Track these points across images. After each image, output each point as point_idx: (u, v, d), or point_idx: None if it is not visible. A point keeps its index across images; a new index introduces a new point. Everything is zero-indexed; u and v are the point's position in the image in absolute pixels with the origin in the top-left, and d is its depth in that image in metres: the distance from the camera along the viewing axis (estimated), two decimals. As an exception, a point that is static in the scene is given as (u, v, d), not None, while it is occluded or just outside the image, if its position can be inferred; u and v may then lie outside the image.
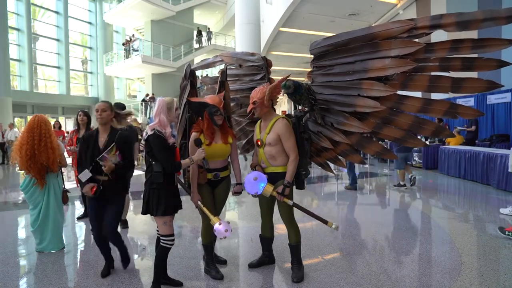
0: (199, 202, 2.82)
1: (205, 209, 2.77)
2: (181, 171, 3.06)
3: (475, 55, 2.38)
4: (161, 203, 2.56)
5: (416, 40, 2.50)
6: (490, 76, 2.46)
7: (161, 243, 2.65)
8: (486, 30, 2.35)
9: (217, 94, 3.05)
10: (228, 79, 3.45)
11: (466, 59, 2.39)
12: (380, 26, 2.62)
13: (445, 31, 2.37)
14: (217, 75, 3.95)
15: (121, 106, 4.57)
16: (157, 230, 2.75)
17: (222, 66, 3.57)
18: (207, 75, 16.91)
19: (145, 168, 2.67)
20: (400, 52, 2.50)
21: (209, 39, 22.58)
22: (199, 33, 22.14)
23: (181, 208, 2.72)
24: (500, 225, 4.32)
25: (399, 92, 2.68)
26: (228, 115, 3.15)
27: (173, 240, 2.66)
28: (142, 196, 2.70)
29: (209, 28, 23.18)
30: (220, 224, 2.62)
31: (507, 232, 4.11)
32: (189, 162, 2.65)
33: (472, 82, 2.42)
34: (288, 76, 2.86)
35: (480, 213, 5.39)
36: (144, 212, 2.63)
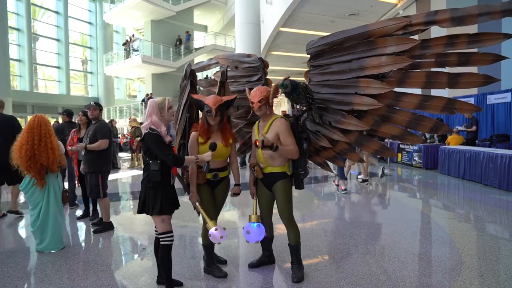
0: (197, 203, 2.81)
1: (202, 211, 2.76)
2: (179, 170, 3.05)
3: (475, 50, 2.36)
4: (157, 201, 2.55)
5: (414, 37, 2.49)
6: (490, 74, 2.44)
7: (161, 242, 2.64)
8: (486, 25, 2.32)
9: (217, 95, 3.03)
10: None
11: (462, 54, 2.37)
12: (375, 24, 2.61)
13: (440, 27, 2.35)
14: (213, 77, 3.94)
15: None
16: (155, 231, 2.74)
17: (218, 68, 3.55)
18: (207, 76, 16.83)
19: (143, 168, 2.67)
20: (396, 49, 2.50)
21: (188, 47, 21.02)
22: (179, 41, 20.98)
23: (178, 207, 2.72)
24: (498, 223, 4.32)
25: (397, 89, 2.67)
26: (229, 115, 3.14)
27: (172, 236, 2.65)
28: (138, 195, 2.70)
29: (187, 32, 21.39)
30: (216, 229, 2.62)
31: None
32: (193, 159, 2.65)
33: (469, 77, 2.39)
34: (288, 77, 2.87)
35: (480, 213, 5.39)
36: (139, 211, 2.62)
